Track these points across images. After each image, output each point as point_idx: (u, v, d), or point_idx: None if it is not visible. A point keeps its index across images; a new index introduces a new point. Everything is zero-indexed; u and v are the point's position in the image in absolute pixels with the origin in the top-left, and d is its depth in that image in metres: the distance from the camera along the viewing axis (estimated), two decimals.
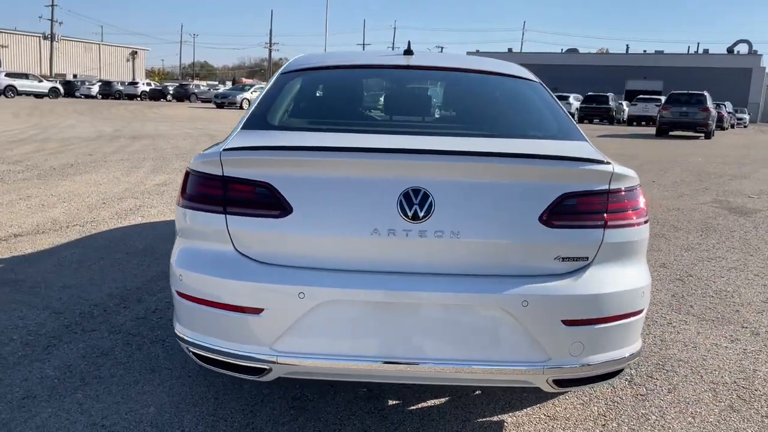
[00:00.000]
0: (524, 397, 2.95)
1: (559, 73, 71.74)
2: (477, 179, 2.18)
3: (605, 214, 2.23)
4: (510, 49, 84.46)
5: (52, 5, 66.31)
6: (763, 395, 3.08)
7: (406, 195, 2.14)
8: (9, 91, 42.07)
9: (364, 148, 2.23)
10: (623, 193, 2.30)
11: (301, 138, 2.45)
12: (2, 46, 68.26)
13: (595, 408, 2.89)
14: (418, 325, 2.16)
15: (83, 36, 78.56)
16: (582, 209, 2.22)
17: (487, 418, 2.76)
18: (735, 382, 3.21)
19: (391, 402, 2.86)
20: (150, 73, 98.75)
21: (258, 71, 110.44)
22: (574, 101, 42.77)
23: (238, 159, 2.22)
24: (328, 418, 2.70)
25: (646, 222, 2.39)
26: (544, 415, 2.82)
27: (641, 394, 3.04)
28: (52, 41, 68.74)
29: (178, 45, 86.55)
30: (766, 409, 2.95)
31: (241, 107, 37.72)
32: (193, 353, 2.35)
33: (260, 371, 2.23)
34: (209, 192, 2.26)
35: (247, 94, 38.61)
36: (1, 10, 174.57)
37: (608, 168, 2.24)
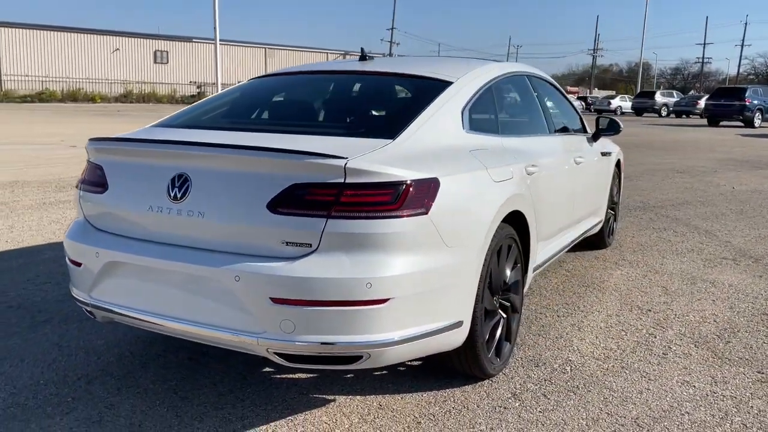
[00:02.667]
0: (386, 386, 3.04)
1: None
2: (222, 168, 2.51)
3: (334, 206, 2.35)
4: None
5: (392, 29, 74.98)
6: None
7: (173, 179, 2.58)
8: None
9: (149, 140, 2.74)
10: (365, 187, 2.37)
11: (149, 133, 3.03)
12: None
13: (437, 408, 2.85)
14: (170, 288, 2.58)
15: (422, 53, 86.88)
16: (309, 199, 2.37)
17: (323, 395, 2.96)
18: (637, 418, 2.78)
19: (264, 370, 3.23)
20: None
21: (584, 79, 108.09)
22: None
23: (92, 147, 2.91)
24: (204, 373, 3.20)
25: (397, 218, 2.39)
26: (378, 404, 2.89)
27: (505, 407, 2.86)
28: None
29: (504, 57, 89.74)
30: None
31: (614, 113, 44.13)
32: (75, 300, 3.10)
33: (91, 314, 2.88)
34: (83, 173, 2.98)
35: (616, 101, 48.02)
36: (355, 35, 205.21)
37: (339, 162, 2.35)
